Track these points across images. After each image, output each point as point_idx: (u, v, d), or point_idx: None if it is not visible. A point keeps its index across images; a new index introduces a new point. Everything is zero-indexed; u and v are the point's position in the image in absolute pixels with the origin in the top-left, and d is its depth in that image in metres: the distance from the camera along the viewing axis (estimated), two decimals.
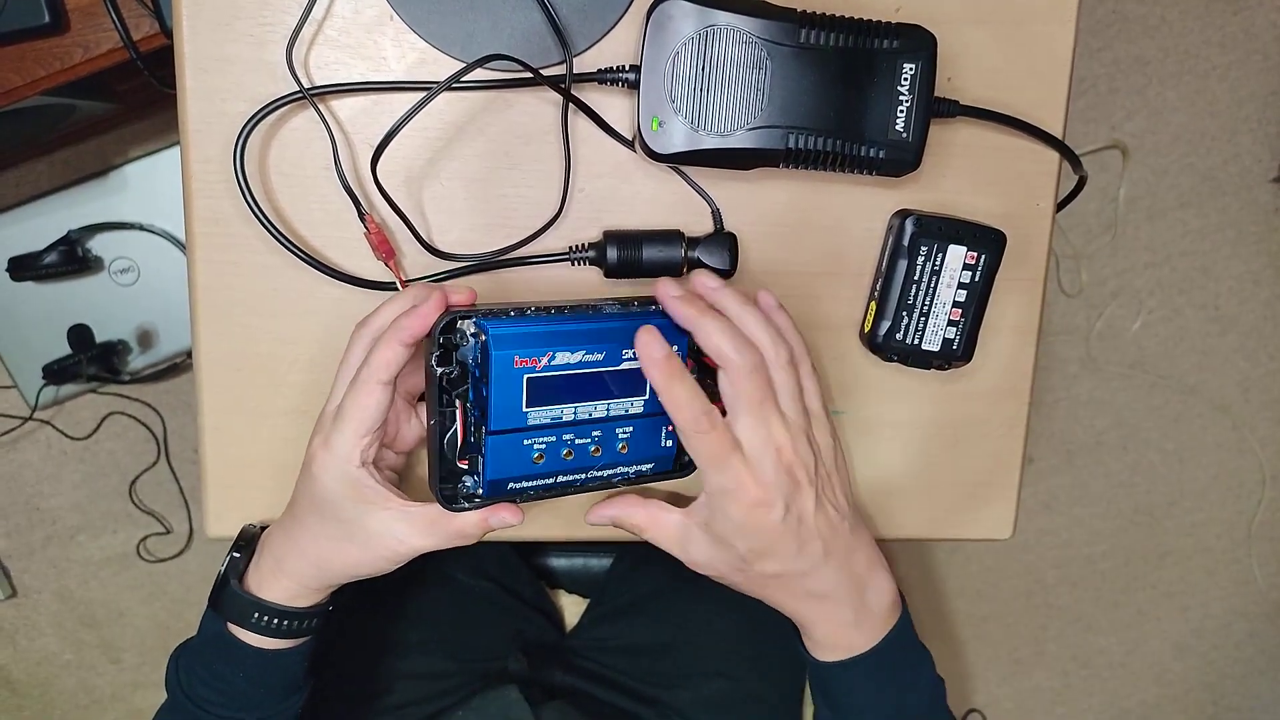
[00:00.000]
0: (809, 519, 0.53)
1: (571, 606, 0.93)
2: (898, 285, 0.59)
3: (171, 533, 1.53)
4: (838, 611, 0.56)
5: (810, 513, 0.53)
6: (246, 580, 0.57)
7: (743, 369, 0.50)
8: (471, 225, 0.59)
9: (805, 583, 0.55)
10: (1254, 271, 1.62)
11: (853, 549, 0.56)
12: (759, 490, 0.51)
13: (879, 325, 0.60)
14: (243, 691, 0.57)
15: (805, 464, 0.53)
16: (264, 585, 0.56)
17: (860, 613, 0.57)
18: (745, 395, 0.51)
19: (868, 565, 0.57)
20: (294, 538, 0.56)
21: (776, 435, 0.52)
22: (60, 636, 1.57)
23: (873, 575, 0.57)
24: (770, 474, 0.51)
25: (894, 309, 0.59)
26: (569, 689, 0.81)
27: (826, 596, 0.56)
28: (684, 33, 0.54)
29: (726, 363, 0.51)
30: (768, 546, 0.53)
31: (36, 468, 1.50)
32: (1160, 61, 1.53)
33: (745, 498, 0.51)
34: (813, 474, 0.53)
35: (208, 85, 0.57)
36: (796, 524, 0.52)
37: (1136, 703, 1.80)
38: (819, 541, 0.54)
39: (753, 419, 0.51)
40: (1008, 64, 0.60)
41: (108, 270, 1.29)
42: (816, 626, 0.57)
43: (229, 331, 0.59)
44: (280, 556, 0.56)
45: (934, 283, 0.59)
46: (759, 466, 0.51)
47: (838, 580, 0.55)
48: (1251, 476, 1.71)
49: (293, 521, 0.56)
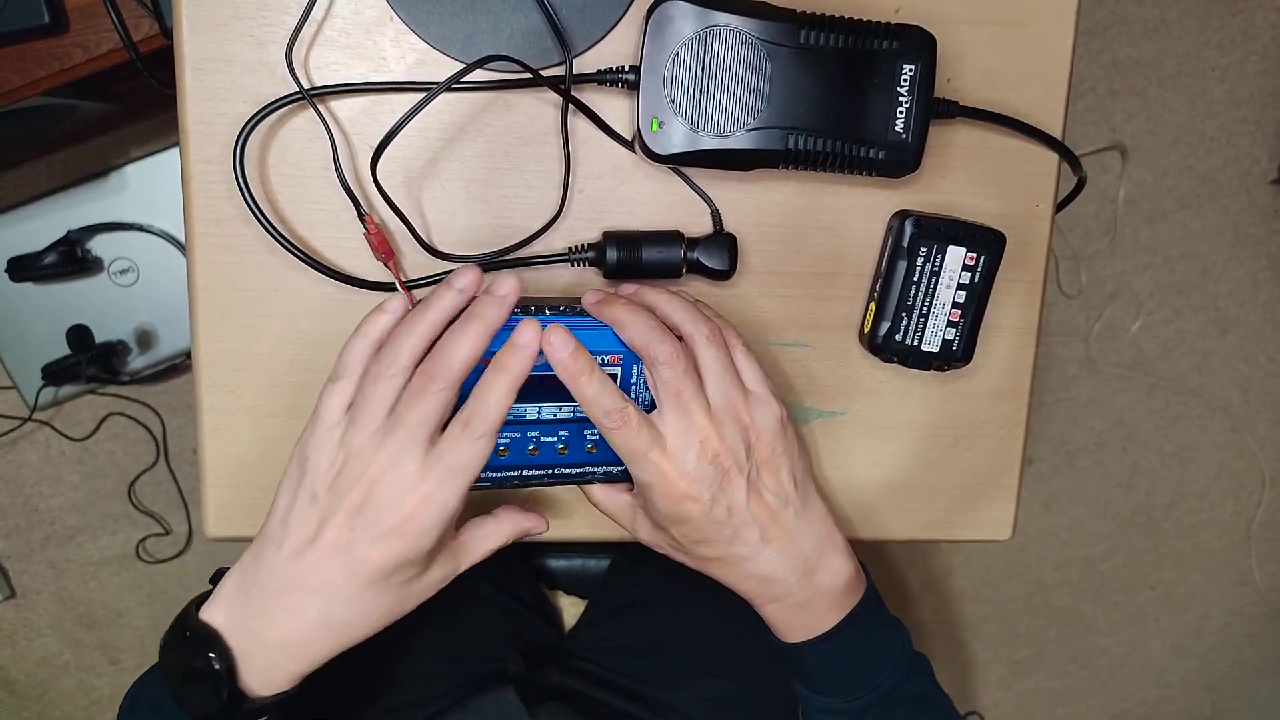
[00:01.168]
0: (740, 508, 0.53)
1: (570, 607, 0.93)
2: (897, 286, 0.59)
3: (171, 534, 1.53)
4: (785, 593, 0.55)
5: (741, 502, 0.52)
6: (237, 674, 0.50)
7: (658, 358, 0.50)
8: (471, 226, 0.59)
9: (747, 566, 0.55)
10: (1253, 273, 1.62)
11: (796, 533, 0.55)
12: (682, 483, 0.51)
13: (878, 326, 0.60)
14: None
15: (734, 451, 0.52)
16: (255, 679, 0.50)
17: (811, 595, 0.56)
18: (664, 385, 0.51)
19: (817, 548, 0.56)
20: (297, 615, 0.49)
21: (698, 425, 0.51)
22: (59, 637, 1.56)
23: (824, 557, 0.56)
24: (692, 466, 0.51)
25: (893, 310, 0.59)
26: (566, 690, 0.81)
27: (772, 579, 0.55)
28: (684, 33, 0.54)
29: (643, 354, 0.51)
30: (699, 535, 0.53)
31: (35, 468, 1.50)
32: (1159, 63, 1.53)
33: (670, 491, 0.51)
34: (743, 461, 0.52)
35: (207, 86, 0.57)
36: (726, 514, 0.52)
37: (1136, 703, 1.80)
38: (755, 528, 0.53)
39: (673, 410, 0.51)
40: (1007, 65, 0.60)
41: (107, 271, 1.29)
42: (766, 607, 0.57)
43: (228, 332, 0.59)
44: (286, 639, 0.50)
45: (933, 284, 0.59)
46: (680, 459, 0.51)
47: (781, 564, 0.55)
48: (1251, 478, 1.71)
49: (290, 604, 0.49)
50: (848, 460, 0.64)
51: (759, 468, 0.53)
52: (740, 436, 0.53)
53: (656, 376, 0.51)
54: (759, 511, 0.53)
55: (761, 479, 0.54)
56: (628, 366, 0.54)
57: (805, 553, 0.55)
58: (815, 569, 0.56)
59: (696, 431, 0.51)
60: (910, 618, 1.71)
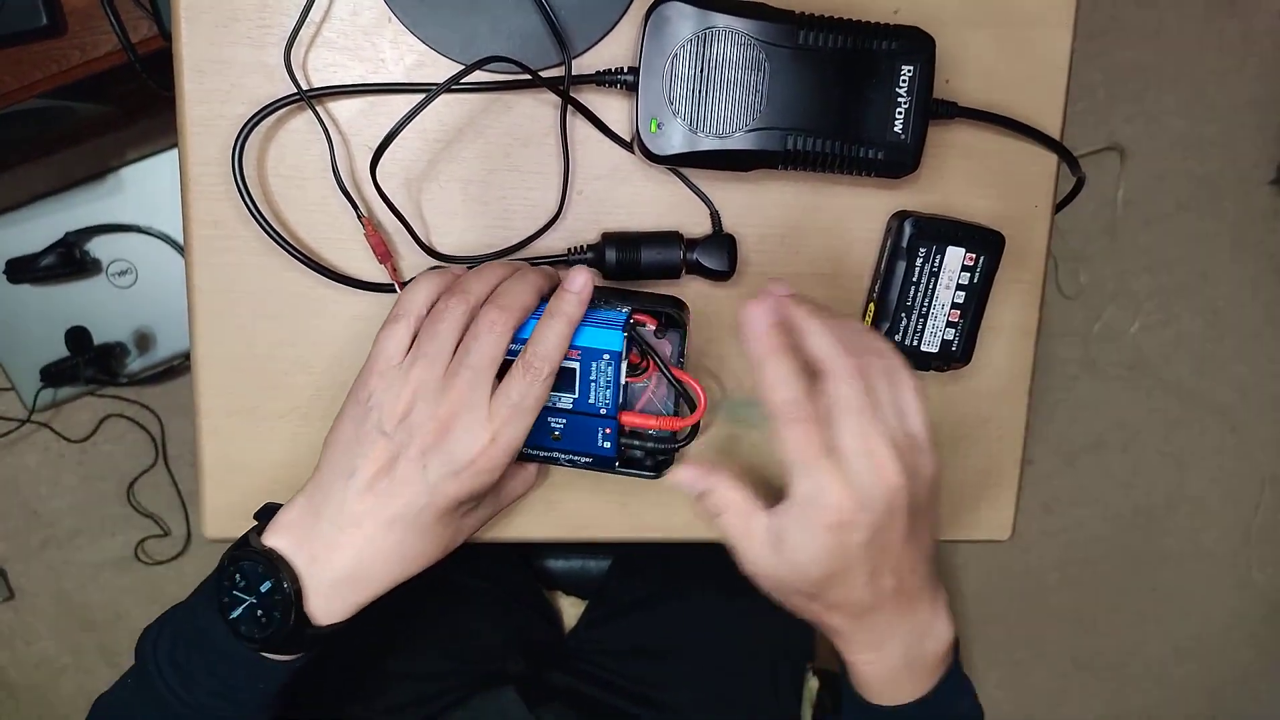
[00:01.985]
0: (894, 549, 0.47)
1: (570, 609, 0.93)
2: (896, 287, 0.59)
3: (170, 535, 1.53)
4: (890, 656, 0.51)
5: (897, 544, 0.47)
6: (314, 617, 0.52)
7: (845, 371, 0.46)
8: (470, 227, 0.59)
9: (870, 618, 0.50)
10: (1252, 275, 1.62)
11: (922, 591, 0.51)
12: (851, 504, 0.45)
13: (878, 326, 0.60)
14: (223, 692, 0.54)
15: (908, 489, 0.47)
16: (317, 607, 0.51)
17: (914, 661, 0.52)
18: (846, 399, 0.46)
19: (932, 610, 0.52)
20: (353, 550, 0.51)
21: (878, 448, 0.46)
22: (58, 639, 1.56)
23: (935, 620, 0.52)
24: (866, 488, 0.45)
25: (893, 310, 0.59)
26: (567, 690, 0.81)
27: (889, 637, 0.51)
28: (682, 34, 0.54)
29: (831, 363, 0.46)
30: (840, 571, 0.47)
31: (34, 470, 1.49)
32: (1158, 66, 1.53)
33: (832, 510, 0.45)
34: (912, 506, 0.47)
35: (206, 88, 0.56)
36: (879, 553, 0.47)
37: (1136, 705, 1.80)
38: (894, 577, 0.48)
39: (855, 423, 0.45)
40: (1006, 66, 0.60)
41: (105, 272, 1.29)
42: (864, 668, 0.52)
43: (227, 334, 0.59)
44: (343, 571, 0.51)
45: (933, 284, 0.59)
46: (855, 478, 0.45)
47: (899, 624, 0.50)
48: (1250, 479, 1.71)
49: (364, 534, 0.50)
50: None
51: (917, 515, 0.48)
52: (902, 478, 0.47)
53: (840, 387, 0.46)
54: (905, 559, 0.48)
55: (918, 527, 0.49)
56: (586, 364, 0.53)
57: (923, 616, 0.51)
58: (926, 634, 0.52)
59: (876, 452, 0.46)
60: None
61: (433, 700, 0.77)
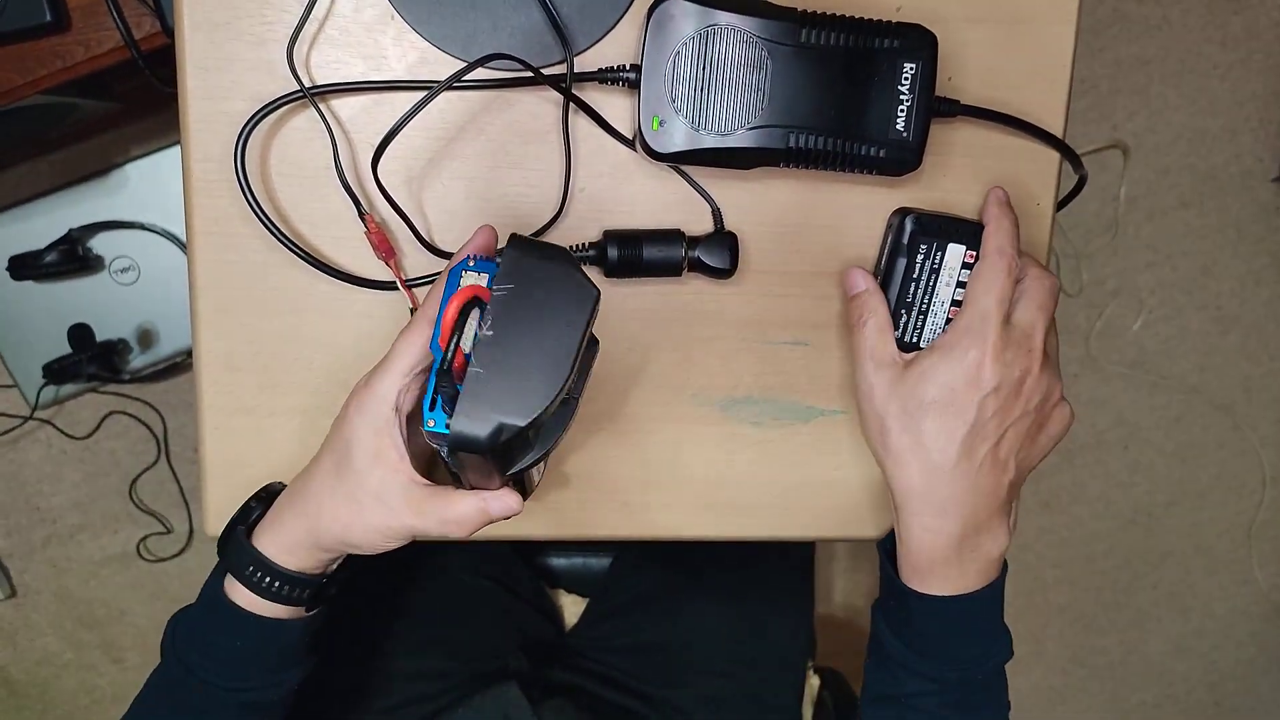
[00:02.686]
0: (1002, 426, 0.53)
1: (571, 606, 0.93)
2: (897, 283, 0.59)
3: (172, 532, 1.53)
4: (949, 530, 0.54)
5: (1006, 424, 0.53)
6: (253, 534, 0.55)
7: (1048, 277, 0.54)
8: (472, 224, 0.59)
9: (941, 479, 0.53)
10: (1255, 271, 1.62)
11: (998, 488, 0.54)
12: (994, 356, 0.52)
13: None
14: (237, 660, 0.56)
15: (1034, 390, 0.53)
16: (263, 538, 0.54)
17: (967, 549, 0.55)
18: (1042, 294, 0.54)
19: (1001, 514, 0.55)
20: (302, 485, 0.54)
21: (1036, 337, 0.53)
22: (60, 636, 1.57)
23: (997, 524, 0.55)
24: (1011, 357, 0.52)
25: (893, 307, 0.59)
26: (569, 687, 0.81)
27: (946, 511, 0.54)
28: (685, 32, 0.54)
29: (1039, 264, 0.56)
30: (952, 406, 0.52)
31: (37, 467, 1.50)
32: (1161, 61, 1.53)
33: (977, 351, 0.52)
34: (1033, 403, 0.53)
35: (209, 84, 0.57)
36: (989, 413, 0.52)
37: (1137, 703, 1.80)
38: (988, 450, 0.53)
39: (1036, 313, 0.53)
40: (1008, 63, 0.60)
41: (108, 269, 1.29)
42: (922, 535, 0.55)
43: (229, 331, 0.60)
44: (283, 508, 0.54)
45: (933, 281, 0.58)
46: (1012, 343, 0.52)
47: (968, 501, 0.54)
48: (1252, 476, 1.71)
49: (309, 469, 0.54)
50: (848, 459, 0.64)
51: (1030, 416, 0.54)
52: (1045, 381, 0.54)
53: (1039, 280, 0.54)
54: (1005, 444, 0.53)
55: (1026, 427, 0.54)
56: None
57: (989, 506, 0.55)
58: (986, 530, 0.55)
59: (1034, 338, 0.53)
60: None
61: (435, 698, 0.77)
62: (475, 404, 0.42)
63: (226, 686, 0.56)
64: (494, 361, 0.43)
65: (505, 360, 0.43)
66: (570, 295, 0.44)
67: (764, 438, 0.64)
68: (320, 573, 0.56)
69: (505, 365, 0.43)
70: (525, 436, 0.44)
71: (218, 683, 0.56)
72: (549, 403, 0.43)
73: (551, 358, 0.43)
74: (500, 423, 0.42)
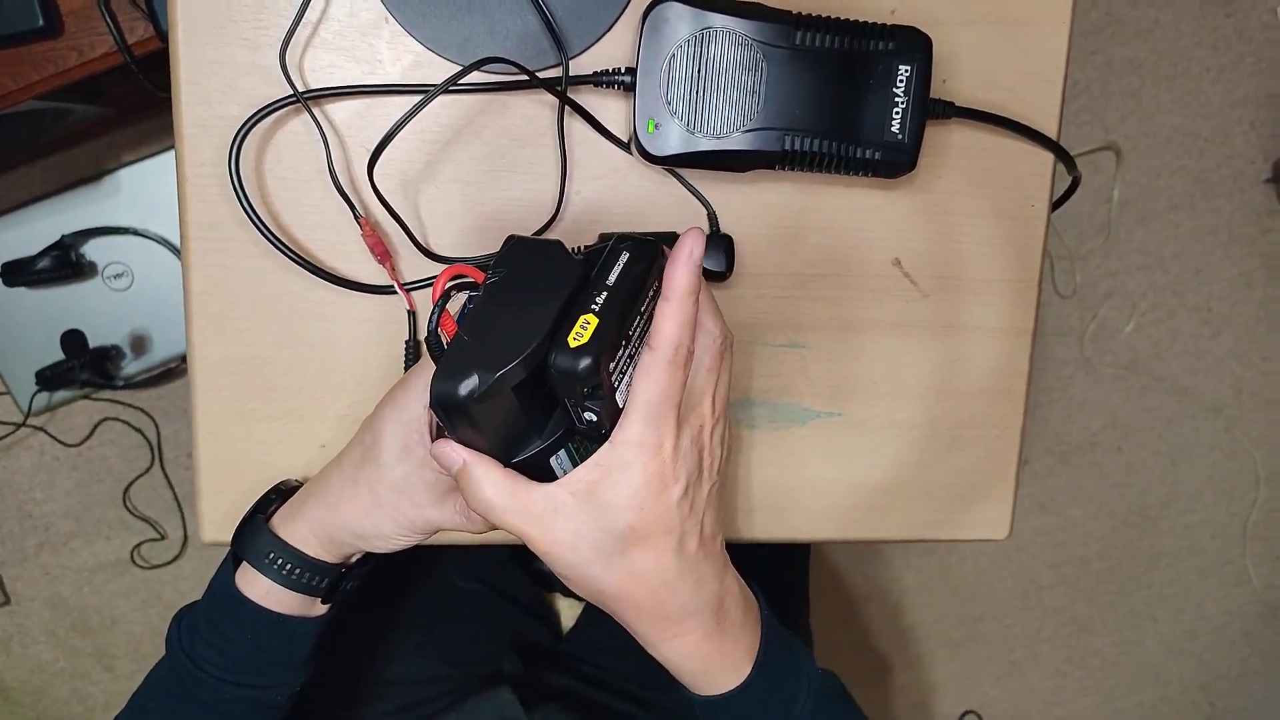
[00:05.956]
0: (699, 508, 0.49)
1: (567, 609, 0.93)
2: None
3: (166, 539, 1.52)
4: (700, 632, 0.51)
5: (702, 503, 0.49)
6: (271, 522, 0.56)
7: (716, 341, 0.48)
8: (468, 228, 0.59)
9: (678, 586, 0.49)
10: (1247, 273, 1.63)
11: (714, 557, 0.51)
12: (672, 457, 0.46)
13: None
14: (245, 655, 0.56)
15: (714, 454, 0.49)
16: (282, 526, 0.55)
17: (722, 627, 0.52)
18: (710, 365, 0.48)
19: (721, 574, 0.52)
20: (324, 476, 0.55)
21: (705, 411, 0.48)
22: (53, 644, 1.56)
23: (725, 583, 0.52)
24: (687, 447, 0.47)
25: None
26: (564, 690, 0.81)
27: (686, 615, 0.50)
28: (680, 35, 0.54)
29: (713, 324, 0.48)
30: (653, 527, 0.47)
31: (29, 474, 1.49)
32: (1153, 64, 1.54)
33: (656, 461, 0.45)
34: (715, 468, 0.50)
35: (202, 89, 0.56)
36: (688, 510, 0.48)
37: (1132, 704, 1.80)
38: (696, 538, 0.49)
39: (699, 373, 0.47)
40: (1002, 66, 0.60)
41: (101, 275, 1.28)
42: (677, 653, 0.52)
43: (223, 336, 0.59)
44: (304, 498, 0.55)
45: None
46: (685, 426, 0.47)
47: (695, 593, 0.50)
48: (1245, 477, 1.71)
49: (334, 461, 0.55)
50: (844, 461, 0.64)
51: (717, 482, 0.51)
52: (721, 443, 0.51)
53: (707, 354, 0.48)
54: (707, 523, 0.49)
55: (716, 492, 0.51)
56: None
57: (716, 573, 0.51)
58: (722, 596, 0.52)
59: (703, 415, 0.48)
60: (906, 618, 1.71)
61: (429, 702, 0.77)
62: (454, 361, 0.43)
63: (235, 682, 0.56)
64: (477, 328, 0.44)
65: (488, 326, 0.44)
66: (556, 272, 0.45)
67: (760, 440, 0.64)
68: (338, 564, 0.56)
69: (488, 330, 0.44)
70: (515, 409, 0.44)
71: (226, 678, 0.56)
72: (525, 353, 0.43)
73: (532, 319, 0.43)
74: (477, 376, 0.42)
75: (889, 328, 0.63)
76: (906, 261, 0.62)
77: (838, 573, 1.68)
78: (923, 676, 1.75)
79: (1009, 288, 0.63)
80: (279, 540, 0.55)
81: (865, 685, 1.74)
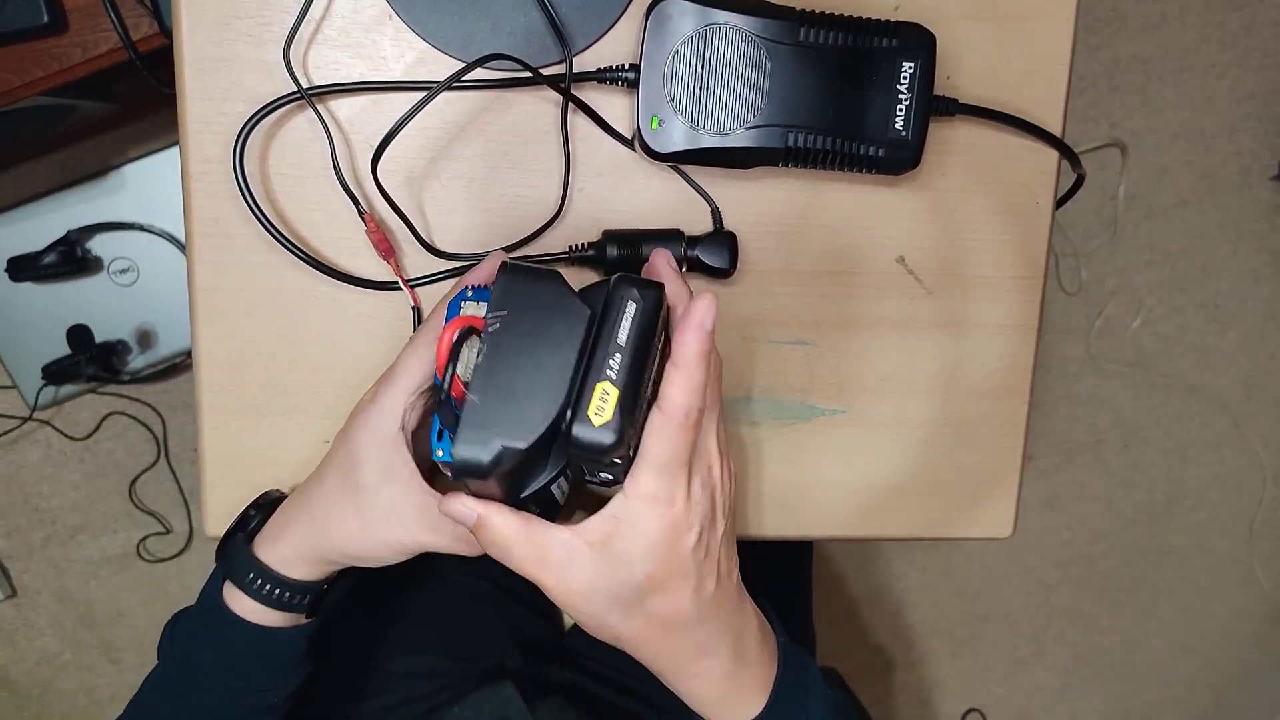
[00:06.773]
0: (715, 551, 0.48)
1: None
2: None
3: (171, 533, 1.53)
4: (720, 668, 0.51)
5: (717, 545, 0.49)
6: (253, 542, 0.55)
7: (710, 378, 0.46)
8: (471, 225, 0.59)
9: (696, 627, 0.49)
10: (1254, 269, 1.62)
11: (731, 591, 0.51)
12: (685, 507, 0.46)
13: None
14: (239, 663, 0.56)
15: (725, 491, 0.49)
16: (264, 547, 0.54)
17: (741, 662, 0.52)
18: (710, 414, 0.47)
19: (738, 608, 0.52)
20: (306, 497, 0.54)
21: (711, 451, 0.48)
22: (60, 637, 1.57)
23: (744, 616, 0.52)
24: (699, 493, 0.47)
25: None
26: (566, 685, 0.81)
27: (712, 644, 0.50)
28: (683, 31, 0.54)
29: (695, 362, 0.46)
30: (669, 575, 0.47)
31: (36, 468, 1.50)
32: (1160, 59, 1.53)
33: (670, 513, 0.46)
34: (727, 506, 0.49)
35: (207, 85, 0.56)
36: (703, 555, 0.48)
37: (1139, 703, 1.80)
38: (713, 580, 0.49)
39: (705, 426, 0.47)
40: (1007, 62, 0.60)
41: (107, 270, 1.29)
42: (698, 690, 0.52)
43: (228, 331, 0.59)
44: (288, 518, 0.54)
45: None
46: (695, 471, 0.46)
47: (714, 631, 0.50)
48: (1253, 475, 1.71)
49: (313, 481, 0.54)
50: (849, 457, 0.64)
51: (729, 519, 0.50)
52: (729, 479, 0.50)
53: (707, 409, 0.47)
54: (723, 564, 0.49)
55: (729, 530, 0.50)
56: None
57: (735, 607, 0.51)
58: (741, 631, 0.52)
59: (708, 457, 0.47)
60: (911, 616, 1.71)
61: (431, 697, 0.77)
62: (475, 430, 0.43)
63: (232, 685, 0.57)
64: (491, 387, 0.43)
65: (502, 385, 0.43)
66: (562, 317, 0.44)
67: (765, 437, 0.64)
68: (320, 580, 0.56)
69: (502, 390, 0.43)
70: (531, 458, 0.44)
71: (223, 681, 0.56)
72: (549, 423, 0.43)
73: (547, 379, 0.43)
74: (502, 446, 0.43)
75: (893, 325, 0.63)
76: (911, 258, 0.62)
77: (841, 570, 1.68)
78: (926, 674, 1.75)
79: (1014, 285, 0.63)
80: (259, 564, 0.54)
81: (868, 683, 1.74)
